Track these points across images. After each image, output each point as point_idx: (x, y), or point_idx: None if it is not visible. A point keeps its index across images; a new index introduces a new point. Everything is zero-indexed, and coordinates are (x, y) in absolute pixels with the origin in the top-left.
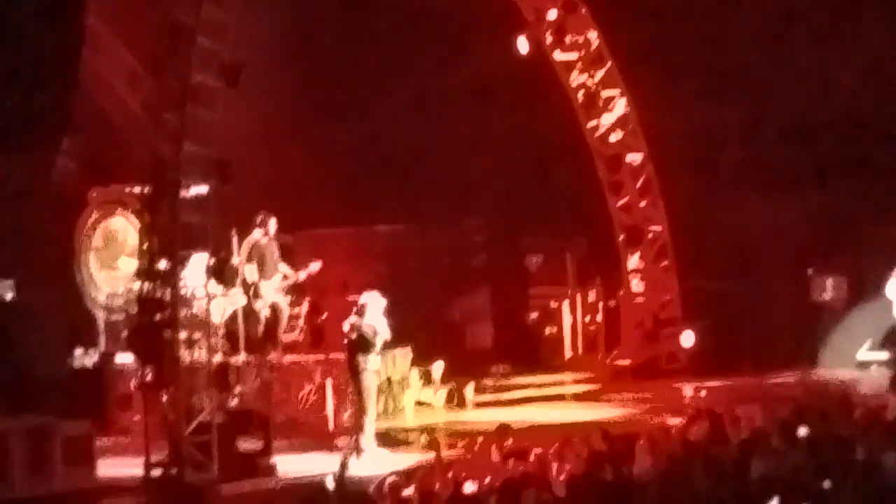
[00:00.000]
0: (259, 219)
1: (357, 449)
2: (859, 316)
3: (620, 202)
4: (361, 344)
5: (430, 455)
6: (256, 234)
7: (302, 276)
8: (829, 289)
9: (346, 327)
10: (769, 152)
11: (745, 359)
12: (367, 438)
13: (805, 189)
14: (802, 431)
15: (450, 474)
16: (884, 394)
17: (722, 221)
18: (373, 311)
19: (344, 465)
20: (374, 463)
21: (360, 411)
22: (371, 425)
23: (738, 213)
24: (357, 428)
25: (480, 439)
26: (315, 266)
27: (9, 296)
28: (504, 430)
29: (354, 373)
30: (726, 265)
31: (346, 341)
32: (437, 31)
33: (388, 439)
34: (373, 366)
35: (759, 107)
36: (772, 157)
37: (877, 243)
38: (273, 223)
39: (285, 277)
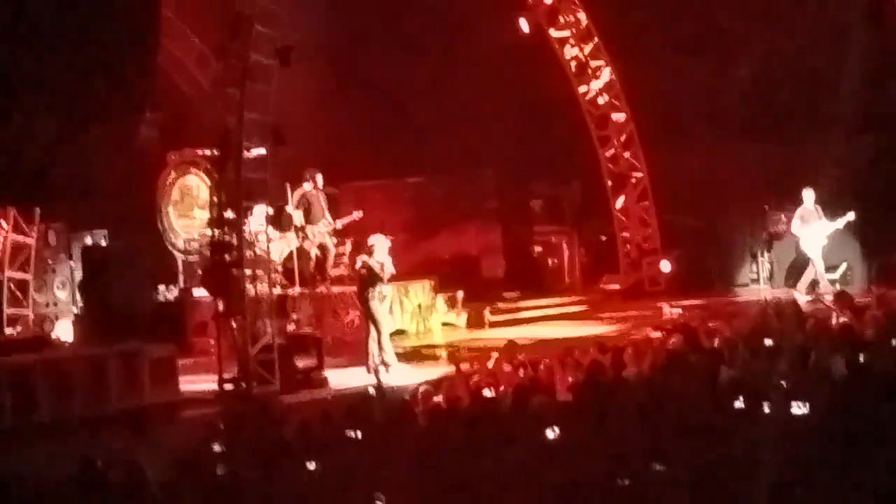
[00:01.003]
0: (307, 174)
1: (384, 363)
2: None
3: (608, 153)
4: (370, 277)
5: (453, 368)
6: (306, 186)
7: (344, 221)
8: (781, 222)
9: (357, 264)
10: (731, 108)
11: (713, 281)
12: (389, 354)
13: (762, 138)
14: (766, 342)
15: (470, 383)
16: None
17: (692, 167)
18: (379, 251)
19: (377, 377)
20: (399, 374)
21: (377, 334)
22: (387, 343)
23: (706, 160)
24: (378, 347)
25: (495, 354)
26: (357, 214)
27: (103, 242)
28: (511, 345)
29: (364, 302)
30: (696, 204)
31: (358, 276)
32: (455, 12)
33: (419, 355)
34: (380, 295)
35: (722, 70)
36: (733, 112)
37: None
38: (319, 177)
39: (331, 223)
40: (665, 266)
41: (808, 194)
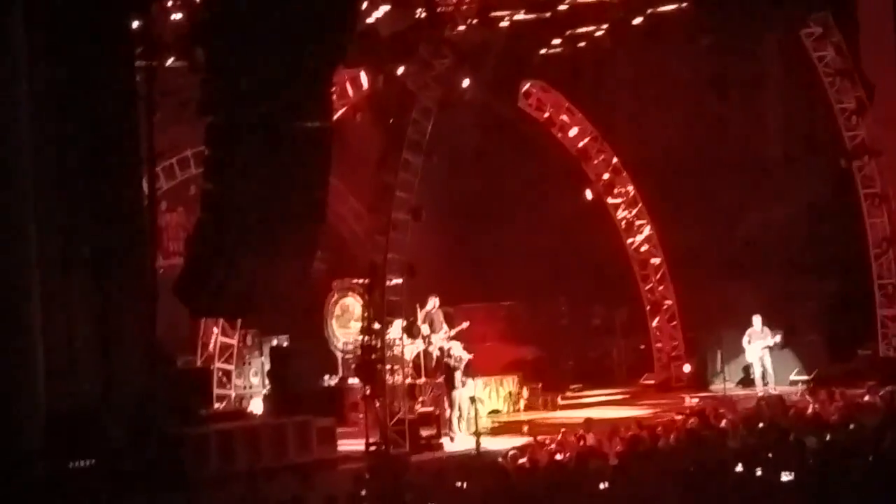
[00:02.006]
0: (429, 299)
1: (450, 434)
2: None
3: (647, 287)
4: (451, 370)
5: (532, 438)
6: (428, 306)
7: (456, 330)
8: (772, 337)
9: (445, 359)
10: (736, 257)
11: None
12: (454, 428)
13: (757, 278)
14: (759, 425)
15: (545, 449)
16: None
17: (708, 299)
18: (456, 350)
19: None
20: (460, 443)
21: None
22: (454, 420)
23: (717, 293)
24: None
25: (563, 430)
26: (464, 325)
27: (285, 344)
28: (590, 422)
29: (449, 387)
30: (709, 324)
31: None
32: (541, 183)
33: (510, 428)
34: (458, 384)
35: (730, 228)
36: (738, 259)
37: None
38: (436, 300)
39: (447, 331)
40: (686, 368)
41: (757, 319)
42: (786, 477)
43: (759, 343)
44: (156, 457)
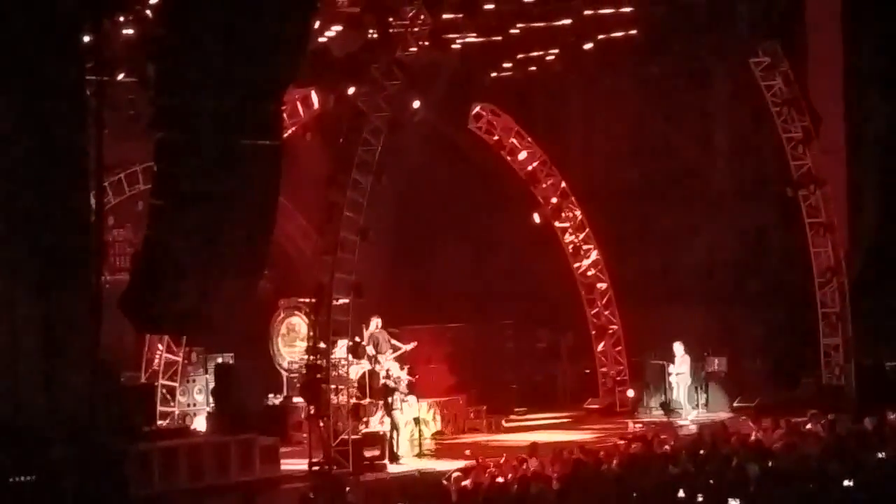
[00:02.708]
0: (372, 319)
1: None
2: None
3: (593, 311)
4: (390, 391)
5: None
6: (371, 326)
7: (401, 350)
8: (716, 364)
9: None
10: (683, 282)
11: (667, 405)
12: (400, 448)
13: (702, 304)
14: (700, 451)
15: (487, 472)
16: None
17: (653, 323)
18: (395, 372)
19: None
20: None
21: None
22: (396, 441)
23: (662, 318)
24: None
25: (506, 454)
26: (411, 345)
27: (230, 362)
28: (535, 446)
29: (388, 409)
30: (655, 349)
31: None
32: (488, 207)
33: (452, 450)
34: (397, 405)
35: (678, 254)
36: (684, 284)
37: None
38: (378, 321)
39: (394, 350)
40: (630, 393)
41: (678, 345)
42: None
43: (681, 367)
44: (98, 473)
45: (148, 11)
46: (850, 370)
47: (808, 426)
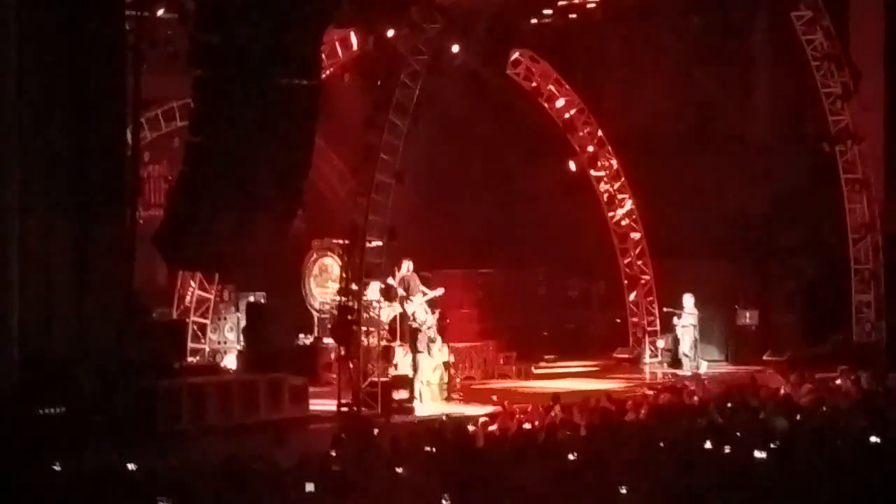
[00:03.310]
0: (403, 262)
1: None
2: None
3: (626, 261)
4: (414, 333)
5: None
6: (402, 269)
7: (430, 295)
8: (747, 317)
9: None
10: (716, 234)
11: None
12: (417, 392)
13: (734, 257)
14: (728, 404)
15: (515, 418)
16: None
17: (685, 276)
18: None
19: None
20: (431, 408)
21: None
22: (418, 384)
23: (694, 271)
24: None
25: (534, 400)
26: (439, 291)
27: (262, 300)
28: (557, 396)
29: (413, 350)
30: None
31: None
32: (526, 152)
33: (479, 396)
34: (422, 348)
35: (712, 204)
36: (717, 236)
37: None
38: (409, 264)
39: (423, 294)
40: (661, 343)
41: (688, 297)
42: (757, 454)
43: (687, 320)
44: (127, 408)
45: None
46: (881, 327)
47: (838, 382)
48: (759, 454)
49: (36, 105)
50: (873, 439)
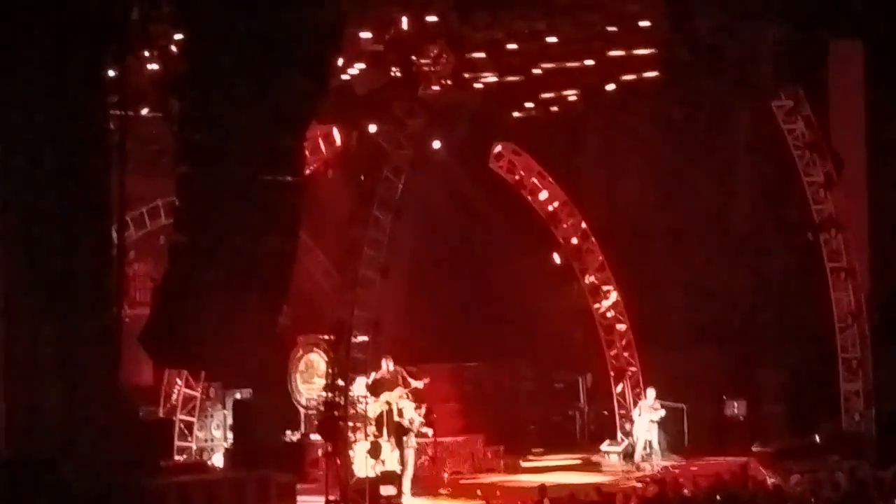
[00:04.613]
0: (382, 360)
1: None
2: None
3: (612, 352)
4: (403, 430)
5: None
6: (384, 367)
7: (413, 386)
8: (735, 408)
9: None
10: (701, 324)
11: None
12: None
13: (718, 346)
14: (717, 497)
15: None
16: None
17: (672, 365)
18: (408, 412)
19: None
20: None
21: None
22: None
23: (682, 360)
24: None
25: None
26: (424, 381)
27: (248, 397)
28: (543, 488)
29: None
30: (673, 392)
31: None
32: (510, 247)
33: (466, 491)
34: (410, 444)
35: (695, 298)
36: (702, 327)
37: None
38: (389, 362)
39: (405, 387)
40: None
41: (650, 391)
42: None
43: (647, 416)
44: None
45: (172, 47)
46: (870, 416)
47: (827, 472)
48: None
49: (20, 205)
50: None
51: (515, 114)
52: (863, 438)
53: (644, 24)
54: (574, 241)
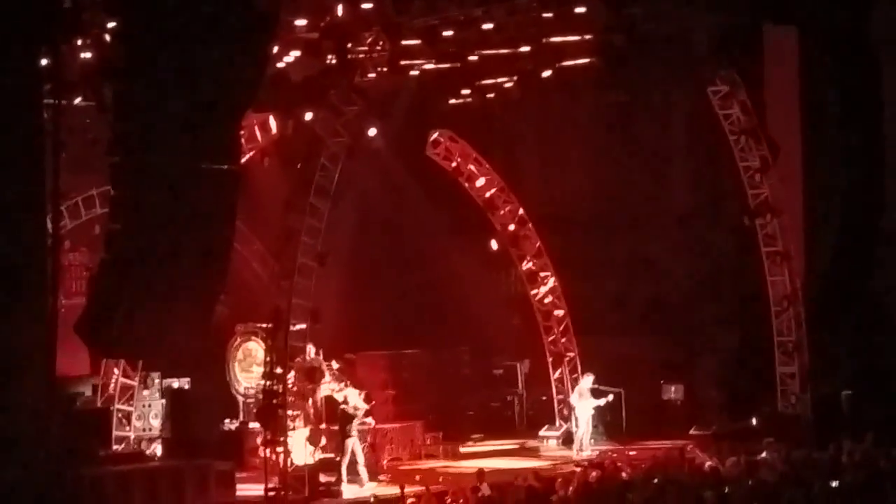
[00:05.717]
0: (307, 347)
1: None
2: None
3: (550, 338)
4: (348, 417)
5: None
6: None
7: (339, 366)
8: (672, 392)
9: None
10: (637, 311)
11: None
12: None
13: (655, 333)
14: (655, 480)
15: (445, 499)
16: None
17: (609, 350)
18: (353, 398)
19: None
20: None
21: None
22: (343, 468)
23: (617, 346)
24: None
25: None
26: (339, 364)
27: (186, 386)
28: (481, 472)
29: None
30: (610, 377)
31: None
32: (447, 234)
33: (406, 477)
34: (353, 432)
35: (632, 286)
36: (638, 313)
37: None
38: (312, 348)
39: (333, 373)
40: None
41: (588, 377)
42: None
43: (589, 402)
44: (51, 498)
45: (106, 35)
46: (806, 399)
47: (764, 454)
48: None
49: None
50: None
51: (452, 101)
52: (799, 421)
53: (580, 10)
54: (511, 227)
